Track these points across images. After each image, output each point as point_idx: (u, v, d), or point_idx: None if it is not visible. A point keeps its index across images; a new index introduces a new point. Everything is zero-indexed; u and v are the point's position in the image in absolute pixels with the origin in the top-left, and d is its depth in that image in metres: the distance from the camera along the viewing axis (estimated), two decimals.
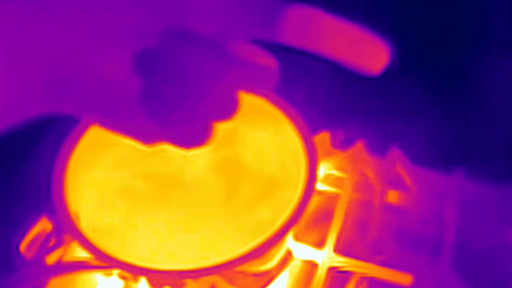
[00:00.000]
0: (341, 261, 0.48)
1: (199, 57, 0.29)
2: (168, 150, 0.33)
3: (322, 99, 0.47)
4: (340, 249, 0.49)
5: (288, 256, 0.48)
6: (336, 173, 0.54)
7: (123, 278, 0.47)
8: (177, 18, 0.29)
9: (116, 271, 0.47)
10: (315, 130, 0.51)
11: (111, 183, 0.46)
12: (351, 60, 0.30)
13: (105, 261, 0.39)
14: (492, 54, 0.55)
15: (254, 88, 0.31)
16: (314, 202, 0.52)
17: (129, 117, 0.30)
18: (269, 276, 0.47)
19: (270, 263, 0.45)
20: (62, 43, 0.28)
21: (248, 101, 0.32)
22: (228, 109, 0.30)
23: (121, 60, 0.28)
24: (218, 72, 0.29)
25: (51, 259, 0.49)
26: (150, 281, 0.44)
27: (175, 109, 0.29)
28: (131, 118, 0.30)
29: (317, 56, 0.30)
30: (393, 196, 0.52)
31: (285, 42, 0.30)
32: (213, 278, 0.42)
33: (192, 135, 0.30)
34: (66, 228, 0.41)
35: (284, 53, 0.31)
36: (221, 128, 0.32)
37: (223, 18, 0.30)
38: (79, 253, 0.46)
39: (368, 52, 0.29)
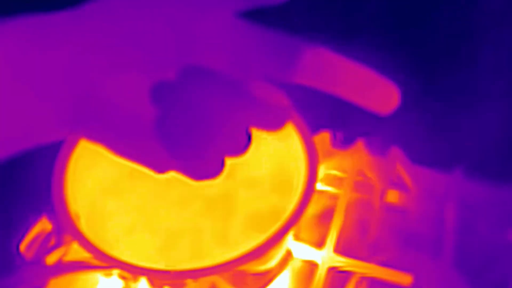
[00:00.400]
0: (341, 261, 0.48)
1: (214, 93, 0.29)
2: None
3: (322, 99, 0.47)
4: (340, 249, 0.49)
5: (288, 256, 0.48)
6: (336, 173, 0.54)
7: (123, 278, 0.47)
8: (196, 55, 0.30)
9: (116, 271, 0.47)
10: (315, 130, 0.51)
11: (111, 183, 0.46)
12: (363, 101, 0.30)
13: (105, 261, 0.39)
14: (488, 53, 0.55)
15: (266, 127, 0.31)
16: (314, 202, 0.52)
17: (142, 146, 0.30)
18: (269, 276, 0.47)
19: (270, 263, 0.45)
20: (83, 71, 0.29)
21: None
22: (239, 146, 0.31)
23: (139, 90, 0.29)
24: (232, 109, 0.30)
25: (51, 259, 0.49)
26: (150, 281, 0.44)
27: (188, 142, 0.30)
28: (145, 148, 0.30)
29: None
30: (393, 196, 0.52)
31: (298, 82, 0.31)
32: (213, 278, 0.42)
33: (203, 168, 0.31)
34: (66, 228, 0.41)
35: None
36: None
37: (240, 58, 0.30)
38: (79, 253, 0.46)
39: (379, 94, 0.30)
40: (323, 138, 0.54)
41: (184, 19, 0.30)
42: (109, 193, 0.46)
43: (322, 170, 0.53)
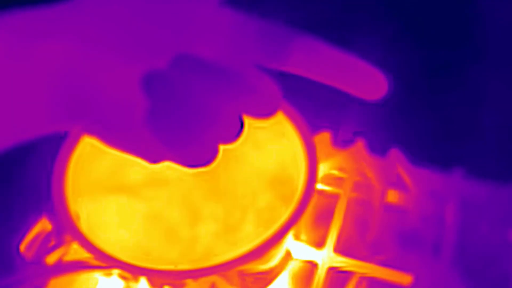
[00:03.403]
0: (341, 261, 0.48)
1: (206, 81, 0.29)
2: None
3: (322, 99, 0.47)
4: (340, 249, 0.49)
5: (288, 256, 0.48)
6: (336, 173, 0.54)
7: (123, 278, 0.47)
8: (187, 43, 0.30)
9: (116, 271, 0.47)
10: (315, 130, 0.51)
11: (111, 183, 0.46)
12: (352, 89, 0.31)
13: (105, 261, 0.39)
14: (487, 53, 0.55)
15: (258, 114, 0.31)
16: (314, 202, 0.52)
17: (135, 136, 0.30)
18: (269, 276, 0.47)
19: (270, 263, 0.45)
20: (76, 62, 0.29)
21: None
22: (232, 133, 0.31)
23: (131, 80, 0.29)
24: (224, 97, 0.30)
25: (51, 259, 0.49)
26: (150, 281, 0.44)
27: (180, 130, 0.30)
28: (138, 138, 0.30)
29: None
30: (393, 196, 0.52)
31: (289, 70, 0.31)
32: (213, 278, 0.42)
33: (197, 156, 0.31)
34: (66, 228, 0.41)
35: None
36: None
37: (232, 46, 0.30)
38: (79, 253, 0.46)
39: (368, 82, 0.31)
40: (323, 138, 0.54)
41: (172, 8, 0.30)
42: (109, 193, 0.46)
43: (322, 170, 0.53)
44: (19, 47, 0.28)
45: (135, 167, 0.46)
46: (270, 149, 0.47)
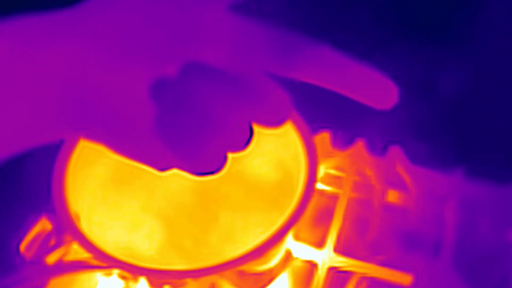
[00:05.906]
0: (341, 261, 0.48)
1: (215, 88, 0.29)
2: None
3: (322, 99, 0.47)
4: (340, 249, 0.49)
5: (288, 256, 0.48)
6: (336, 173, 0.54)
7: (123, 278, 0.47)
8: (197, 50, 0.29)
9: (116, 271, 0.47)
10: (315, 130, 0.51)
11: (111, 183, 0.46)
12: (361, 97, 0.31)
13: (105, 261, 0.39)
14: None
15: (267, 123, 0.31)
16: (314, 202, 0.52)
17: (143, 144, 0.30)
18: (269, 276, 0.47)
19: (270, 263, 0.45)
20: (82, 69, 0.29)
21: None
22: (241, 141, 0.31)
23: (139, 87, 0.29)
24: (233, 105, 0.29)
25: (51, 259, 0.49)
26: (150, 281, 0.44)
27: (189, 138, 0.29)
28: (146, 145, 0.30)
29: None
30: (393, 196, 0.52)
31: (299, 78, 0.31)
32: (213, 278, 0.42)
33: (205, 164, 0.31)
34: (66, 228, 0.41)
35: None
36: None
37: (241, 53, 0.30)
38: (79, 253, 0.46)
39: (378, 91, 0.31)
40: (323, 138, 0.54)
41: (181, 15, 0.30)
42: (109, 192, 0.46)
43: (322, 170, 0.53)
44: (27, 52, 0.28)
45: (136, 167, 0.46)
46: (270, 149, 0.47)
